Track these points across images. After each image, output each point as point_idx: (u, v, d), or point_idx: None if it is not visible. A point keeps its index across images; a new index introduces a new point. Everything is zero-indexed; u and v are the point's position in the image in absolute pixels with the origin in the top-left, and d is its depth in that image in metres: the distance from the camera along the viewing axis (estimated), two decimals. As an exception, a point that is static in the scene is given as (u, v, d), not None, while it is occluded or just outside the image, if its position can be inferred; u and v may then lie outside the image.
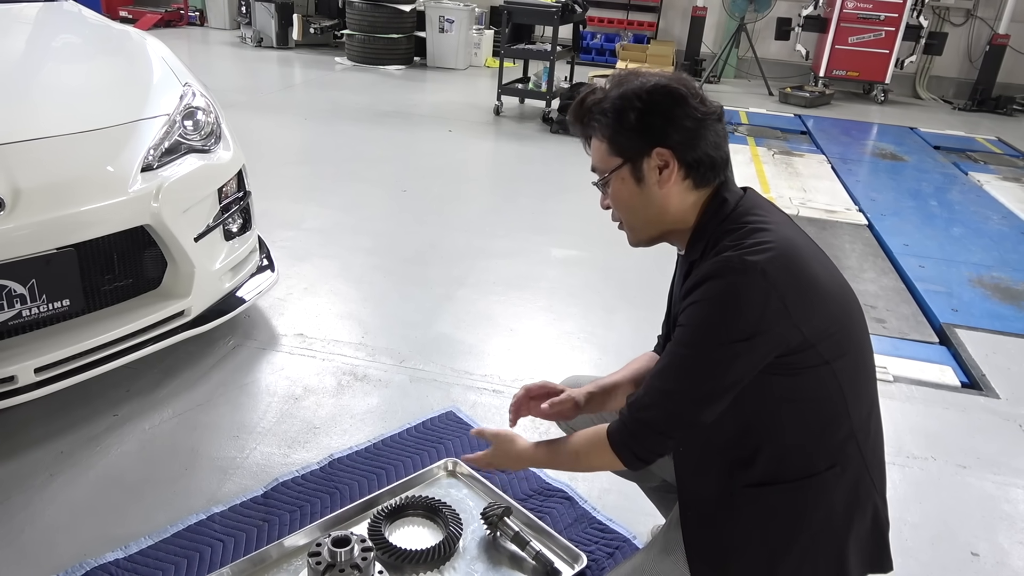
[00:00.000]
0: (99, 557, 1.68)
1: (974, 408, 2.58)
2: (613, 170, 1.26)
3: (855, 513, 1.24)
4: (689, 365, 1.17)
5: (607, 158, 1.27)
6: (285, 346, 2.61)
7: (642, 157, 1.23)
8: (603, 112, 1.25)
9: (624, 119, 1.22)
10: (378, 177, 4.60)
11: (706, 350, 1.15)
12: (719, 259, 1.15)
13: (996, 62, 8.37)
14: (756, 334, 1.12)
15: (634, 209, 1.29)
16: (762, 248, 1.14)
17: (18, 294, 1.85)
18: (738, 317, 1.12)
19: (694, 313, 1.16)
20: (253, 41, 8.98)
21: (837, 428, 1.21)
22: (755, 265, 1.12)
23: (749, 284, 1.12)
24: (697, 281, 1.16)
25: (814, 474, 1.21)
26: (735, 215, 1.22)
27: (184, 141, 2.26)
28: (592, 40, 9.55)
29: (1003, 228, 4.53)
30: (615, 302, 3.11)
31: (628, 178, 1.26)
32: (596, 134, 1.27)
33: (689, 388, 1.17)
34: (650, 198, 1.25)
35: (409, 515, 1.85)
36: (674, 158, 1.21)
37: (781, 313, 1.12)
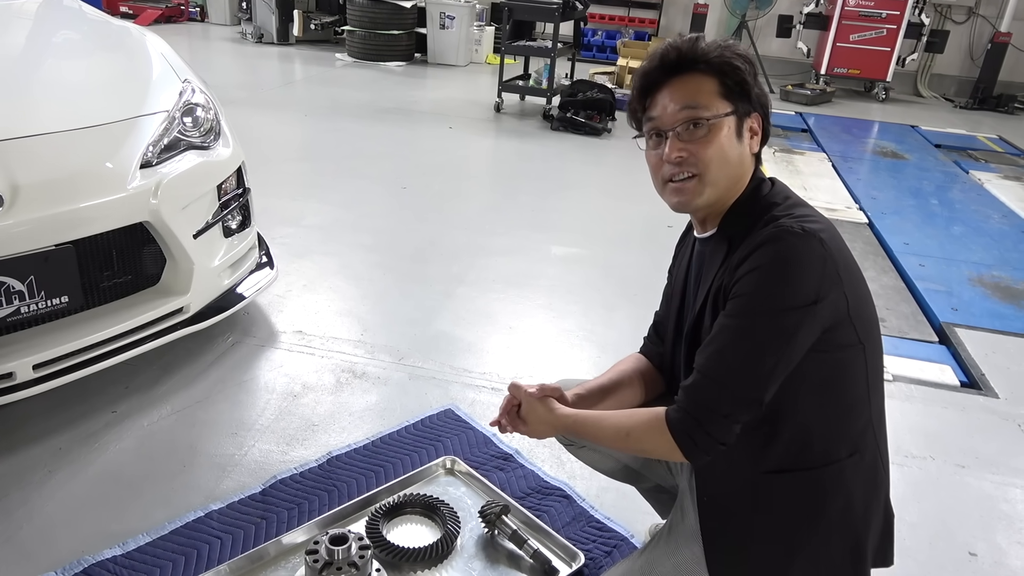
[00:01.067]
0: (97, 554, 1.68)
1: (973, 408, 2.58)
2: (724, 115, 1.21)
3: (872, 503, 1.25)
4: (753, 335, 1.13)
5: (717, 100, 1.21)
6: (284, 343, 2.61)
7: (747, 115, 1.24)
8: (726, 57, 1.22)
9: (746, 69, 1.23)
10: (378, 174, 4.60)
11: (771, 317, 1.12)
12: (776, 224, 1.15)
13: (998, 60, 8.35)
14: (818, 299, 1.11)
15: (727, 162, 1.23)
16: (815, 219, 1.17)
17: (17, 290, 1.85)
18: (802, 280, 1.11)
19: (754, 280, 1.13)
20: (253, 37, 8.97)
21: (858, 415, 1.22)
22: (814, 232, 1.13)
23: (809, 249, 1.12)
24: (752, 248, 1.14)
25: (835, 461, 1.20)
26: (774, 193, 1.25)
27: (183, 138, 2.26)
28: (593, 37, 9.54)
29: (1004, 227, 4.53)
30: (615, 300, 3.11)
31: (732, 130, 1.23)
32: (711, 72, 1.22)
33: (755, 361, 1.13)
34: (742, 157, 1.24)
35: (407, 513, 1.85)
36: (761, 128, 1.26)
37: (836, 280, 1.13)
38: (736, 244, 1.20)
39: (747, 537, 1.25)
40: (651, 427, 1.22)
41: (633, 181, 4.88)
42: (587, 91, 6.11)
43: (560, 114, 5.97)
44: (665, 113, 1.23)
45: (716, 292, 1.21)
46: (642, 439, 1.24)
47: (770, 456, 1.21)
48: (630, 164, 5.32)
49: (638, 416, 1.27)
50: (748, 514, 1.24)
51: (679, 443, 1.18)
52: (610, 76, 7.86)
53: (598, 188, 4.79)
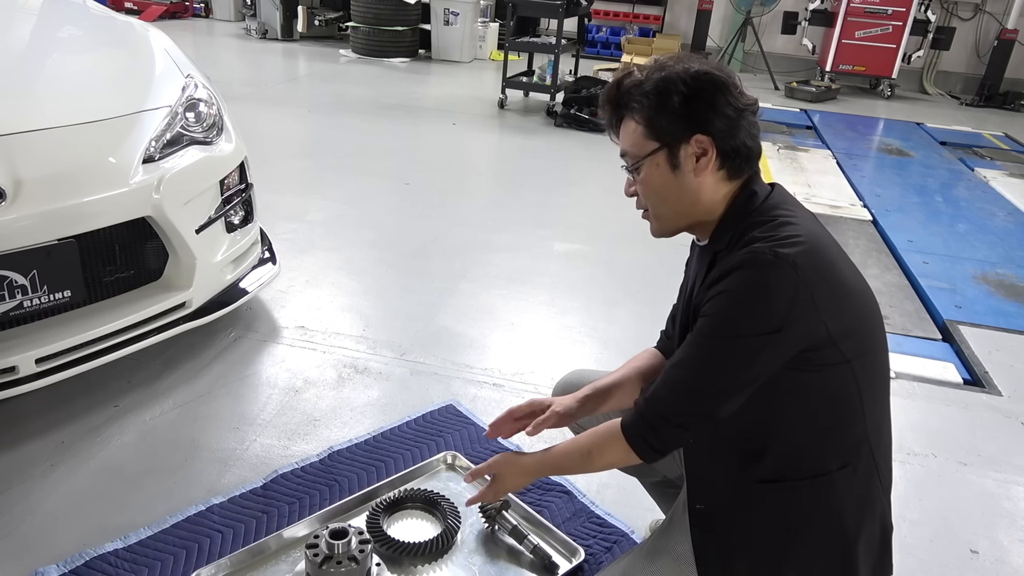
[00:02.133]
0: (99, 547, 1.69)
1: (976, 405, 2.57)
2: (648, 154, 1.22)
3: (864, 515, 1.24)
4: (711, 356, 1.15)
5: (642, 142, 1.23)
6: (286, 338, 2.62)
7: (680, 143, 1.21)
8: (644, 94, 1.21)
9: (667, 102, 1.19)
10: (381, 170, 4.60)
11: (730, 342, 1.13)
12: (749, 250, 1.13)
13: (1004, 57, 8.32)
14: (783, 327, 1.10)
15: (665, 197, 1.25)
16: (793, 241, 1.13)
17: (19, 285, 1.85)
18: (766, 309, 1.11)
19: (720, 303, 1.14)
20: (258, 33, 8.98)
21: (851, 428, 1.20)
22: (786, 258, 1.10)
23: (779, 276, 1.10)
24: (725, 271, 1.14)
25: (825, 473, 1.19)
26: (763, 208, 1.21)
27: (186, 133, 2.26)
28: (597, 33, 9.53)
29: (1008, 225, 4.51)
30: (617, 296, 3.11)
31: (664, 164, 1.22)
32: (633, 116, 1.23)
33: (709, 380, 1.16)
34: (683, 186, 1.23)
35: (407, 508, 1.85)
36: (713, 146, 1.20)
37: (809, 307, 1.11)
38: (716, 262, 1.21)
39: (738, 545, 1.25)
40: (608, 439, 1.26)
41: (636, 178, 4.88)
42: (591, 87, 6.10)
43: (564, 110, 5.97)
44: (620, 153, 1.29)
45: (697, 306, 1.23)
46: (603, 452, 1.28)
47: (761, 467, 1.21)
48: (634, 161, 5.31)
49: (596, 433, 1.30)
50: (739, 523, 1.24)
51: (632, 445, 1.23)
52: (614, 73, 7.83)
53: (601, 185, 4.78)
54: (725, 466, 1.24)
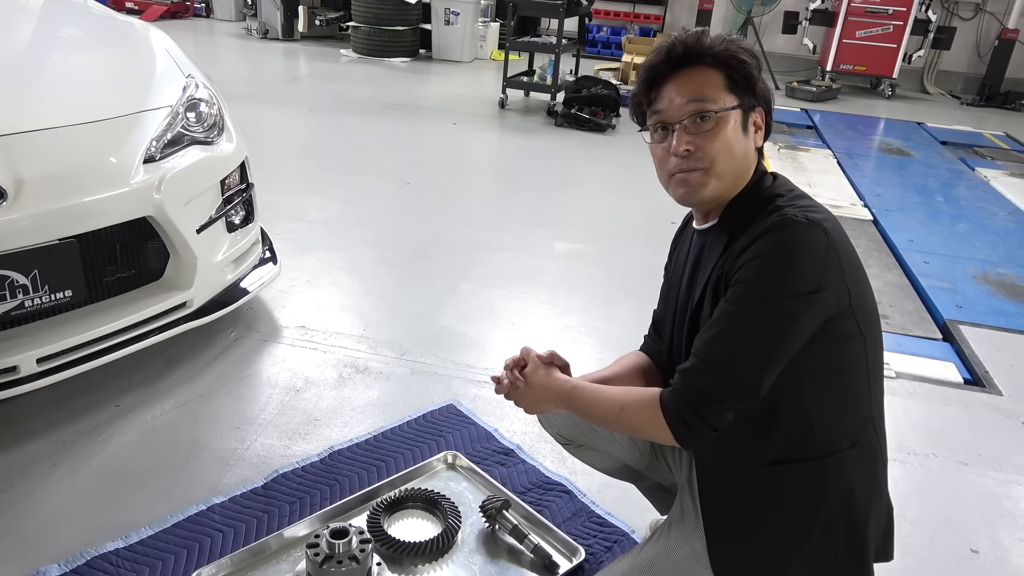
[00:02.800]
0: (100, 546, 1.69)
1: (976, 405, 2.57)
2: (730, 108, 1.22)
3: (872, 496, 1.24)
4: (752, 321, 1.13)
5: (723, 94, 1.22)
6: (287, 338, 2.62)
7: (751, 110, 1.24)
8: (731, 51, 1.22)
9: (747, 66, 1.23)
10: (382, 170, 4.60)
11: (771, 303, 1.11)
12: (780, 214, 1.15)
13: (1005, 57, 8.32)
14: (820, 288, 1.11)
15: (733, 155, 1.23)
16: (818, 210, 1.17)
17: (20, 284, 1.86)
18: (804, 268, 1.11)
19: (756, 267, 1.13)
20: (259, 33, 8.98)
21: (859, 408, 1.22)
22: (817, 222, 1.13)
23: (813, 238, 1.12)
24: (755, 235, 1.14)
25: (836, 452, 1.20)
26: (777, 185, 1.26)
27: (187, 133, 2.26)
28: (598, 33, 9.53)
29: (1009, 224, 4.51)
30: (617, 296, 3.11)
31: (738, 123, 1.23)
32: (715, 66, 1.22)
33: (751, 347, 1.12)
34: (746, 150, 1.25)
35: (408, 507, 1.85)
36: (764, 124, 1.26)
37: (838, 271, 1.13)
38: (737, 233, 1.20)
39: (750, 529, 1.25)
40: (645, 405, 1.21)
41: (636, 177, 4.88)
42: (591, 87, 6.10)
43: (564, 110, 5.96)
44: (672, 106, 1.22)
45: (717, 280, 1.21)
46: (634, 416, 1.23)
47: (771, 447, 1.21)
48: (633, 160, 5.31)
49: (634, 393, 1.26)
50: (750, 506, 1.24)
51: (671, 425, 1.17)
52: (615, 72, 7.84)
53: (601, 184, 4.78)
54: (736, 448, 1.24)
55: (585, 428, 1.60)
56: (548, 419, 1.66)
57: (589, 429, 1.59)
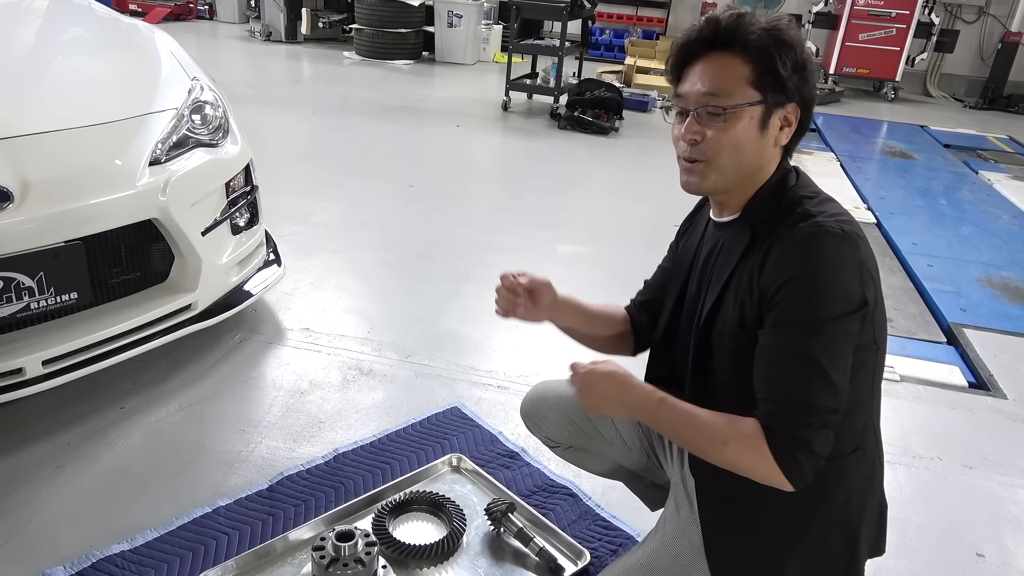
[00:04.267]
0: (105, 549, 1.69)
1: (981, 408, 2.57)
2: (748, 104, 1.15)
3: (868, 498, 1.25)
4: (816, 352, 1.08)
5: (744, 88, 1.15)
6: (291, 340, 2.62)
7: (778, 106, 1.17)
8: (765, 38, 1.14)
9: (785, 57, 1.14)
10: (385, 172, 4.61)
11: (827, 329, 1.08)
12: (816, 224, 1.10)
13: (1008, 60, 8.32)
14: (865, 302, 1.10)
15: (742, 154, 1.18)
16: (846, 219, 1.13)
17: (26, 287, 1.86)
18: (848, 285, 1.09)
19: (802, 289, 1.08)
20: (262, 35, 9.00)
21: (862, 413, 1.21)
22: (851, 235, 1.10)
23: (848, 251, 1.09)
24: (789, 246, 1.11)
25: (839, 457, 1.18)
26: (801, 185, 1.21)
27: (192, 135, 2.26)
28: (601, 36, 9.53)
29: (1013, 227, 4.50)
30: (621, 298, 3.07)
31: (756, 120, 1.16)
32: (742, 55, 1.15)
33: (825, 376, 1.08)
34: (762, 150, 1.19)
35: (413, 510, 1.85)
36: (797, 119, 1.19)
37: (870, 282, 1.12)
38: (761, 235, 1.17)
39: (747, 530, 1.25)
40: (753, 446, 1.12)
41: (639, 180, 4.88)
42: (594, 90, 6.11)
43: (567, 113, 5.97)
44: (691, 92, 1.19)
45: (746, 285, 1.17)
46: (740, 455, 1.13)
47: None
48: (636, 163, 5.32)
49: (739, 428, 1.14)
50: (749, 507, 1.23)
51: (787, 470, 1.10)
52: (618, 75, 7.85)
53: (605, 187, 4.78)
54: None
55: (575, 431, 1.59)
56: (535, 423, 1.65)
57: (580, 432, 1.59)
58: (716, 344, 1.25)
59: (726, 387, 1.24)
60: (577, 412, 1.58)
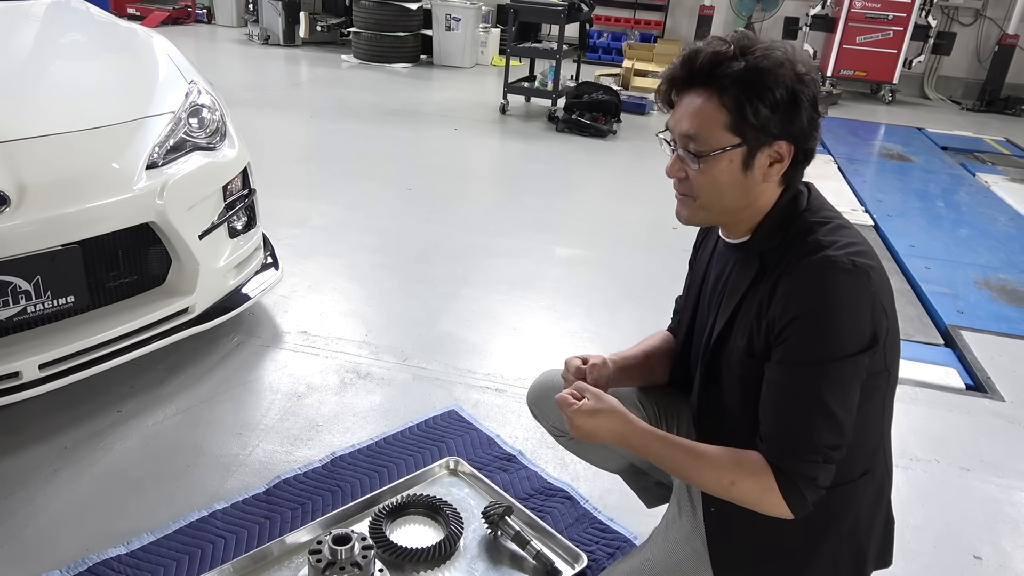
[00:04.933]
0: (101, 552, 1.69)
1: (979, 411, 2.57)
2: (724, 149, 1.11)
3: (876, 516, 1.25)
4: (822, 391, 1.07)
5: (720, 132, 1.10)
6: (288, 343, 2.62)
7: (763, 146, 1.11)
8: (743, 78, 1.08)
9: (766, 97, 1.08)
10: (383, 175, 4.61)
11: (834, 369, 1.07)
12: (825, 257, 1.06)
13: (1005, 62, 8.33)
14: (875, 339, 1.08)
15: (724, 194, 1.15)
16: (859, 249, 1.09)
17: (23, 290, 1.86)
18: (859, 323, 1.07)
19: (809, 329, 1.06)
20: (260, 39, 9.00)
21: (872, 435, 1.20)
22: (863, 269, 1.07)
23: (859, 287, 1.06)
24: (799, 281, 1.08)
25: (848, 481, 1.18)
26: (812, 209, 1.17)
27: (189, 139, 2.27)
28: (599, 39, 9.54)
29: (1010, 230, 4.51)
30: (619, 301, 3.11)
31: (737, 162, 1.12)
32: (719, 97, 1.10)
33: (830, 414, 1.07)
34: (747, 187, 1.14)
35: (410, 513, 1.85)
36: (790, 154, 1.13)
37: (882, 315, 1.09)
38: (770, 263, 1.14)
39: (755, 551, 1.24)
40: (760, 483, 1.11)
41: (637, 183, 4.89)
42: (592, 93, 6.11)
43: (565, 116, 5.97)
44: (676, 128, 1.16)
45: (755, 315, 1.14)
46: (748, 492, 1.13)
47: None
48: (634, 166, 5.32)
49: (746, 468, 1.13)
50: (757, 529, 1.21)
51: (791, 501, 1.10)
52: (615, 78, 7.86)
53: (602, 190, 4.78)
54: None
55: None
56: (542, 411, 1.61)
57: None
58: (724, 371, 1.23)
59: (733, 413, 1.22)
60: None
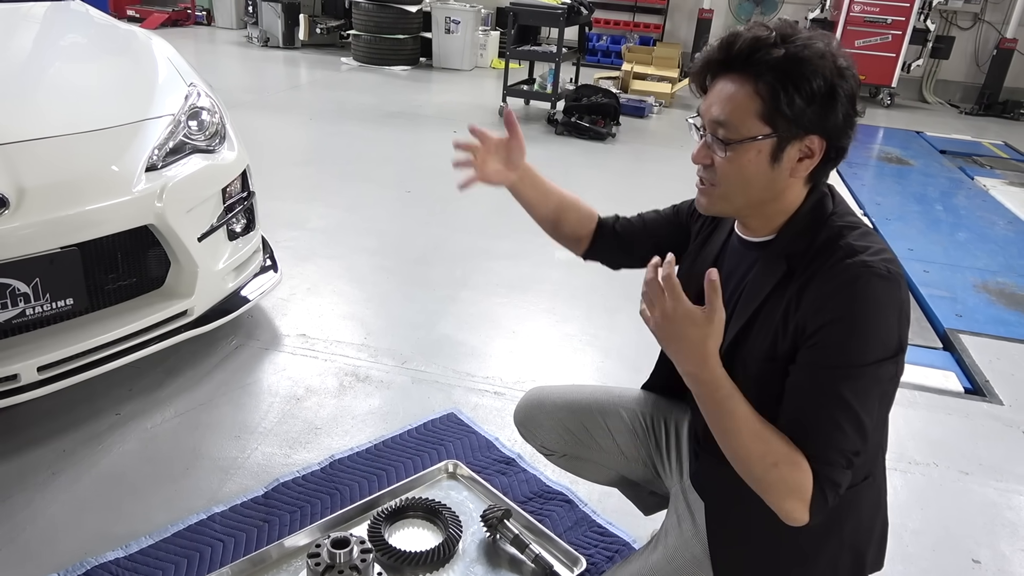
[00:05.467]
0: (100, 556, 1.69)
1: (977, 414, 2.57)
2: (755, 138, 1.08)
3: (875, 521, 1.24)
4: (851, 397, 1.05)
5: (752, 120, 1.07)
6: (287, 346, 2.62)
7: (794, 139, 1.08)
8: (781, 65, 1.04)
9: (803, 87, 1.04)
10: (382, 177, 4.61)
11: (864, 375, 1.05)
12: (861, 263, 1.04)
13: (1003, 66, 8.36)
14: (901, 346, 1.07)
15: (750, 185, 1.12)
16: (890, 257, 1.07)
17: (22, 293, 1.86)
18: (890, 330, 1.05)
19: (841, 333, 1.04)
20: (259, 41, 9.01)
21: (876, 441, 1.19)
22: (897, 277, 1.05)
23: (892, 294, 1.05)
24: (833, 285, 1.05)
25: (853, 486, 1.16)
26: (839, 213, 1.14)
27: (189, 141, 2.27)
28: (598, 42, 9.56)
29: (1008, 233, 4.52)
30: (618, 303, 3.11)
31: (765, 153, 1.09)
32: (754, 84, 1.06)
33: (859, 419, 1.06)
34: (774, 181, 1.11)
35: (409, 517, 1.85)
36: (822, 151, 1.09)
37: (906, 322, 1.08)
38: (798, 267, 1.11)
39: (757, 556, 1.24)
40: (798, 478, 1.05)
41: (637, 185, 4.89)
42: (591, 96, 6.12)
43: (564, 119, 5.98)
44: (706, 114, 1.13)
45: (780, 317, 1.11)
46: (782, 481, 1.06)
47: None
48: (633, 169, 5.33)
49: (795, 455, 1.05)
50: (759, 534, 1.21)
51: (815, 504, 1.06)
52: (615, 81, 7.87)
53: (601, 192, 4.78)
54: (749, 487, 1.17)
55: (571, 440, 1.58)
56: (530, 431, 1.63)
57: (576, 441, 1.57)
58: (739, 371, 1.18)
59: None
60: (573, 421, 1.57)
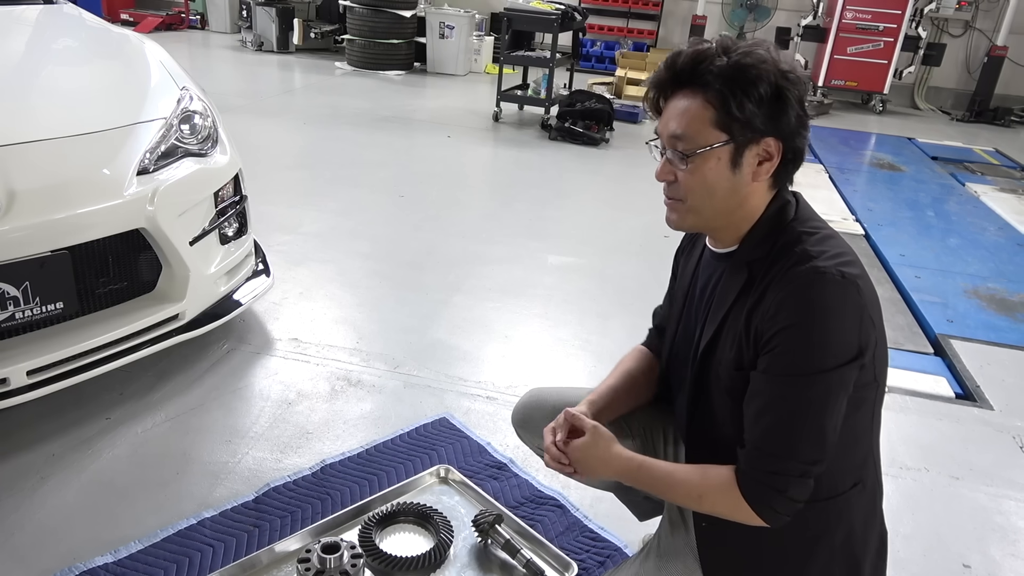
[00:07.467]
0: (89, 561, 1.68)
1: (968, 419, 2.58)
2: (712, 146, 1.11)
3: (870, 530, 1.24)
4: (806, 402, 1.07)
5: (707, 129, 1.11)
6: (279, 351, 2.61)
7: (750, 143, 1.11)
8: (727, 74, 1.08)
9: (751, 92, 1.08)
10: (376, 182, 4.61)
11: (819, 381, 1.06)
12: (814, 268, 1.06)
13: (994, 73, 8.40)
14: (861, 351, 1.07)
15: (714, 194, 1.14)
16: (847, 260, 1.09)
17: (11, 296, 1.85)
18: (845, 334, 1.06)
19: (796, 339, 1.06)
20: (254, 45, 9.00)
21: (861, 447, 1.19)
22: (851, 279, 1.06)
23: (847, 298, 1.05)
24: (786, 291, 1.07)
25: (840, 493, 1.17)
26: (800, 218, 1.17)
27: (181, 145, 2.26)
28: (592, 47, 9.58)
29: (999, 239, 4.54)
30: (611, 308, 3.11)
31: (725, 160, 1.12)
32: (704, 95, 1.10)
33: (812, 427, 1.07)
34: (737, 187, 1.14)
35: (400, 522, 1.84)
36: (779, 152, 1.13)
37: (870, 327, 1.08)
38: (758, 274, 1.14)
39: (748, 565, 1.24)
40: (726, 494, 1.13)
41: (630, 191, 4.90)
42: (585, 101, 6.13)
43: (558, 124, 5.99)
44: (664, 131, 1.17)
45: (743, 326, 1.14)
46: (717, 504, 1.16)
47: None
48: (627, 174, 5.33)
49: (711, 479, 1.15)
50: (750, 543, 1.21)
51: (759, 512, 1.11)
52: (608, 86, 7.89)
53: (595, 197, 4.80)
54: None
55: None
56: (528, 432, 1.62)
57: None
58: (713, 383, 1.22)
59: (723, 425, 1.21)
60: None
